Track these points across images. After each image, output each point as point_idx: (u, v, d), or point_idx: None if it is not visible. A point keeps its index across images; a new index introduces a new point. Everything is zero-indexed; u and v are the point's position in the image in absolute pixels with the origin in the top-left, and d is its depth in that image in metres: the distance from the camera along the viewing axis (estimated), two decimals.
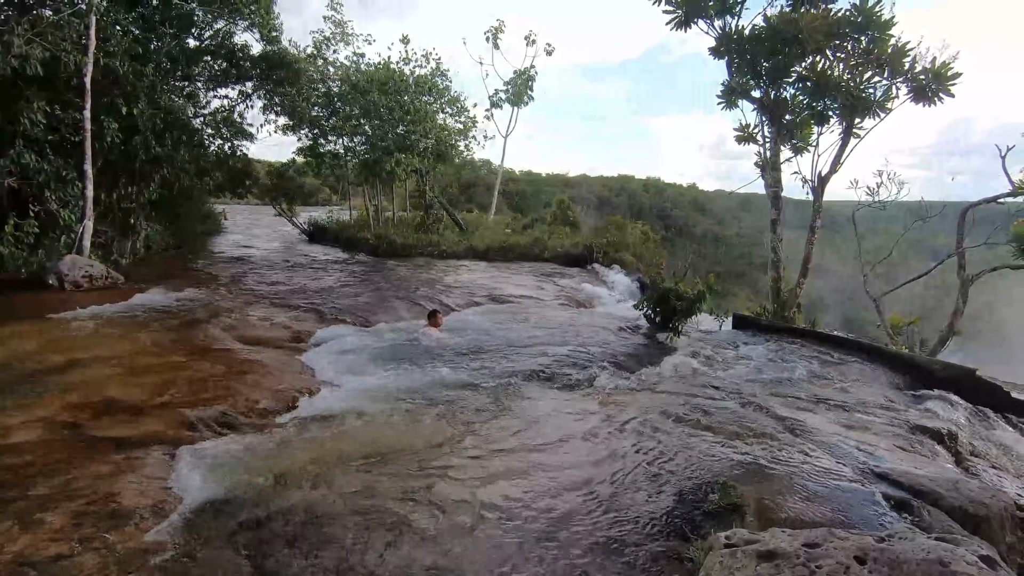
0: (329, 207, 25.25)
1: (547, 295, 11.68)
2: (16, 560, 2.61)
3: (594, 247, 16.28)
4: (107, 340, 6.20)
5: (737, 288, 31.46)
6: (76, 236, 9.67)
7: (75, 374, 5.02)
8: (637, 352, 7.35)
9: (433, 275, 12.88)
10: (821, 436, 4.49)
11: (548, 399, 5.29)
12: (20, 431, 3.88)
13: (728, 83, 9.87)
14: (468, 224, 19.67)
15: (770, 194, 9.97)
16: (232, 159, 15.51)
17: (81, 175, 9.71)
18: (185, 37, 13.58)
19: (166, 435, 4.02)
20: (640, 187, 54.64)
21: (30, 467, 3.44)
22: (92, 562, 2.64)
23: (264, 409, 4.75)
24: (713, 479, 3.55)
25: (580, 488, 3.52)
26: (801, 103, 9.63)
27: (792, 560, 2.08)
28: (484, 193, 32.21)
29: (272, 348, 6.63)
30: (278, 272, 12.03)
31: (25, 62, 8.48)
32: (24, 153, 9.01)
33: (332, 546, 2.85)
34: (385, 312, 8.80)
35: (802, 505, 3.24)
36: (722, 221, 50.82)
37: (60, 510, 3.01)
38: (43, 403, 4.34)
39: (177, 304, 8.13)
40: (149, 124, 10.89)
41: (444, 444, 4.12)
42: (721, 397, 5.44)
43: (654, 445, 4.16)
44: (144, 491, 3.27)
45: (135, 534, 2.88)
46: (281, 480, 3.46)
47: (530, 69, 21.83)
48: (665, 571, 2.72)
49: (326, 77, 17.92)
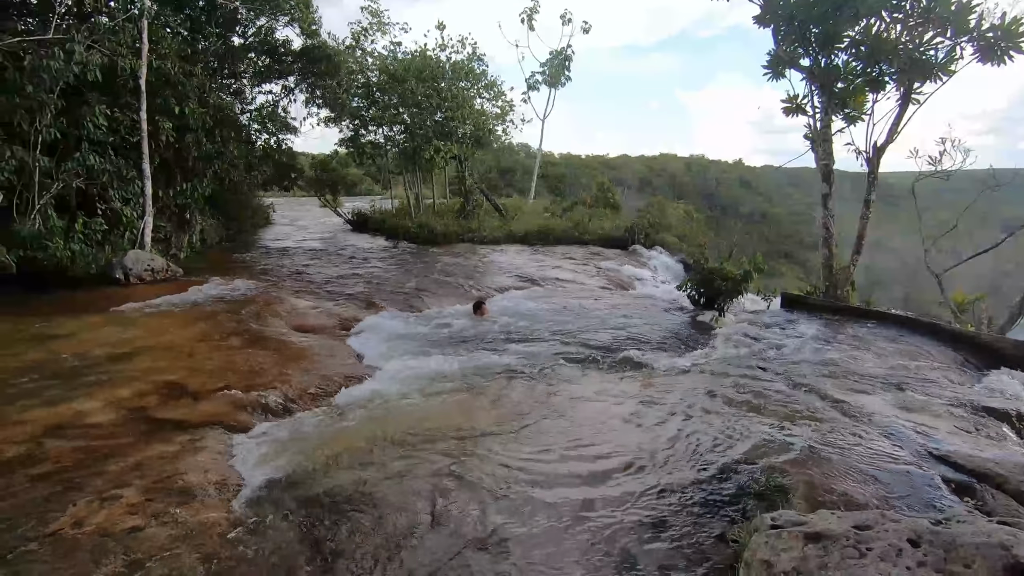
0: (371, 197, 25.73)
1: (588, 278, 11.60)
2: (97, 532, 2.84)
3: (635, 228, 16.02)
4: (169, 330, 6.57)
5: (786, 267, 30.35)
6: (138, 232, 10.23)
7: (141, 361, 5.35)
8: (681, 334, 7.23)
9: (474, 261, 12.99)
10: (876, 418, 4.33)
11: (590, 381, 5.29)
12: (96, 414, 4.19)
13: (774, 52, 9.43)
14: (507, 209, 19.67)
15: (821, 168, 9.52)
16: (278, 153, 16.01)
17: (140, 174, 10.24)
18: (230, 36, 14.03)
19: (225, 418, 4.25)
20: (683, 166, 53.19)
21: (106, 447, 3.72)
22: (163, 535, 2.84)
23: (315, 393, 4.94)
24: (759, 461, 3.48)
25: (623, 468, 3.52)
26: (854, 69, 9.11)
27: (841, 542, 2.03)
28: (523, 177, 32.08)
29: (321, 335, 6.87)
30: (325, 261, 12.39)
31: (86, 68, 8.95)
32: (89, 155, 9.55)
33: (381, 522, 2.96)
34: (428, 298, 8.96)
35: (853, 488, 3.14)
36: (770, 198, 48.97)
37: (133, 487, 3.24)
38: (114, 388, 4.65)
39: (231, 294, 8.52)
40: (200, 122, 11.34)
41: (487, 425, 4.20)
42: (768, 378, 5.30)
43: (698, 426, 4.11)
44: (207, 470, 3.48)
45: (201, 509, 3.07)
46: (332, 460, 3.61)
47: (566, 49, 21.48)
48: (709, 552, 2.70)
49: (365, 68, 18.16)
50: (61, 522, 2.89)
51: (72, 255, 9.01)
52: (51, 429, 3.91)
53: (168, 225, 11.87)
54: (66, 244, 9.03)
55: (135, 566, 2.60)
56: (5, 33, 8.74)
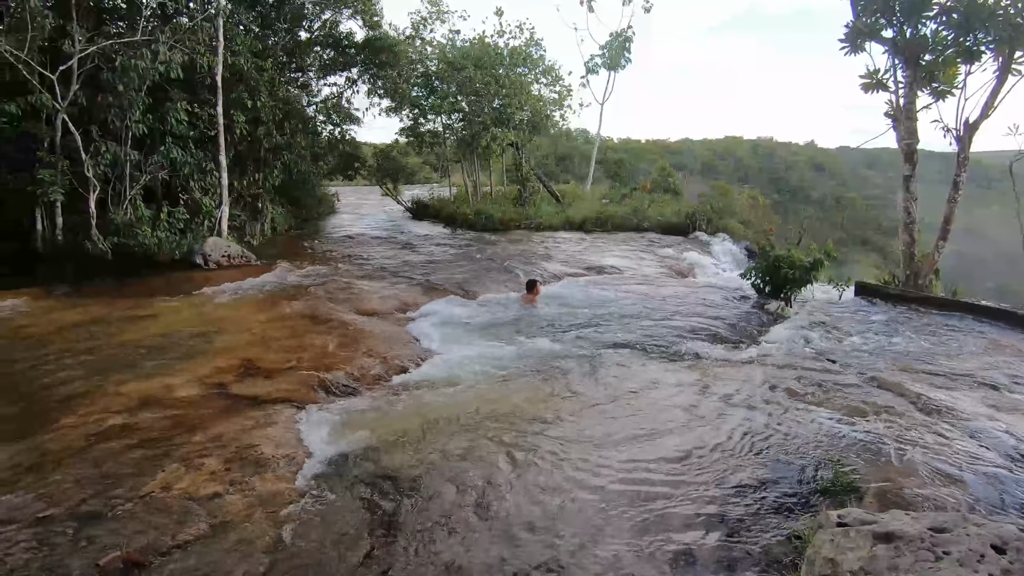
0: (430, 185, 26.17)
1: (646, 265, 11.37)
2: (183, 495, 3.09)
3: (697, 215, 15.51)
4: (244, 312, 6.99)
5: (862, 255, 28.52)
6: (216, 220, 10.90)
7: (220, 341, 5.73)
8: (744, 323, 6.97)
9: (530, 248, 13.00)
10: (961, 416, 4.03)
11: (648, 370, 5.21)
12: (181, 389, 4.54)
13: (853, 24, 8.79)
14: (564, 196, 19.50)
15: (903, 147, 8.85)
16: (342, 143, 16.55)
17: (217, 165, 10.88)
18: (297, 30, 14.56)
19: (294, 395, 4.50)
20: (749, 149, 50.79)
21: (190, 419, 4.03)
22: (240, 502, 3.05)
23: (377, 374, 5.14)
24: (826, 456, 3.33)
25: (681, 459, 3.47)
26: (944, 39, 8.36)
27: (915, 543, 1.92)
28: (581, 163, 31.65)
29: (382, 318, 7.11)
30: (386, 248, 12.77)
31: (169, 67, 9.57)
32: (172, 148, 10.25)
33: (438, 499, 3.06)
34: (485, 284, 9.06)
35: (932, 490, 2.96)
36: (844, 182, 46.02)
37: (214, 456, 3.50)
38: (196, 365, 5.02)
39: (300, 279, 8.94)
40: (270, 115, 11.89)
41: (543, 411, 4.23)
42: (838, 371, 5.04)
43: (760, 419, 3.98)
44: (279, 443, 3.71)
45: (273, 480, 3.28)
46: (393, 438, 3.76)
47: (627, 30, 20.85)
48: (769, 548, 2.63)
49: (424, 57, 18.39)
50: (152, 485, 3.16)
51: (159, 242, 9.74)
52: (144, 402, 4.27)
53: (242, 214, 12.57)
54: (153, 232, 9.76)
55: (217, 529, 2.82)
56: (100, 36, 9.46)
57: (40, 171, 9.01)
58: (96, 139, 9.53)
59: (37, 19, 8.59)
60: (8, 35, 8.51)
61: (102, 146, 9.54)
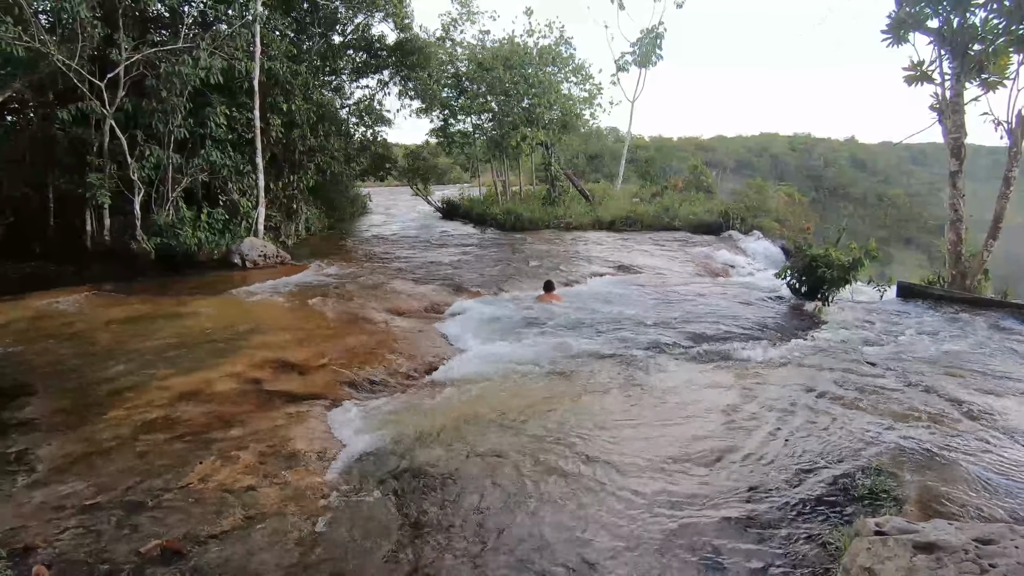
0: (460, 185, 26.36)
1: (677, 264, 11.20)
2: (220, 487, 3.19)
3: (730, 213, 15.20)
4: (279, 310, 7.18)
5: (905, 255, 27.44)
6: (253, 221, 11.23)
7: (256, 338, 5.90)
8: (779, 324, 6.80)
9: (560, 247, 12.96)
10: (1010, 422, 3.85)
11: (680, 371, 5.13)
12: (220, 383, 4.68)
13: (896, 14, 8.47)
14: (594, 195, 19.37)
15: (950, 142, 8.48)
16: (374, 145, 16.86)
17: (254, 167, 11.20)
18: (331, 34, 14.88)
19: (327, 392, 4.60)
20: (786, 145, 49.41)
21: (227, 413, 4.16)
22: (274, 495, 3.14)
23: (407, 373, 5.21)
24: (865, 462, 3.22)
25: (713, 462, 3.41)
26: (995, 28, 7.97)
27: (958, 555, 1.84)
28: (611, 162, 31.38)
29: (413, 317, 7.20)
30: (416, 248, 12.92)
31: (209, 72, 9.90)
32: (212, 151, 10.60)
33: (466, 497, 3.09)
34: (514, 284, 9.08)
35: (977, 498, 2.83)
36: (887, 178, 44.32)
37: (249, 450, 3.60)
38: (234, 361, 5.18)
39: (333, 278, 9.13)
40: (305, 118, 12.18)
41: (572, 410, 4.21)
42: (878, 374, 4.87)
43: (795, 422, 3.88)
44: (312, 439, 3.79)
45: (306, 474, 3.36)
46: (422, 436, 3.80)
47: (658, 27, 20.55)
48: (803, 555, 2.56)
49: (454, 58, 18.54)
50: (191, 477, 3.28)
51: (199, 242, 10.09)
52: (184, 396, 4.43)
53: (278, 214, 12.91)
54: (194, 232, 10.12)
55: (251, 520, 2.90)
56: (145, 45, 9.85)
57: (89, 175, 9.44)
58: (141, 143, 9.93)
59: (87, 29, 9.00)
60: (61, 45, 8.94)
61: (146, 150, 9.94)
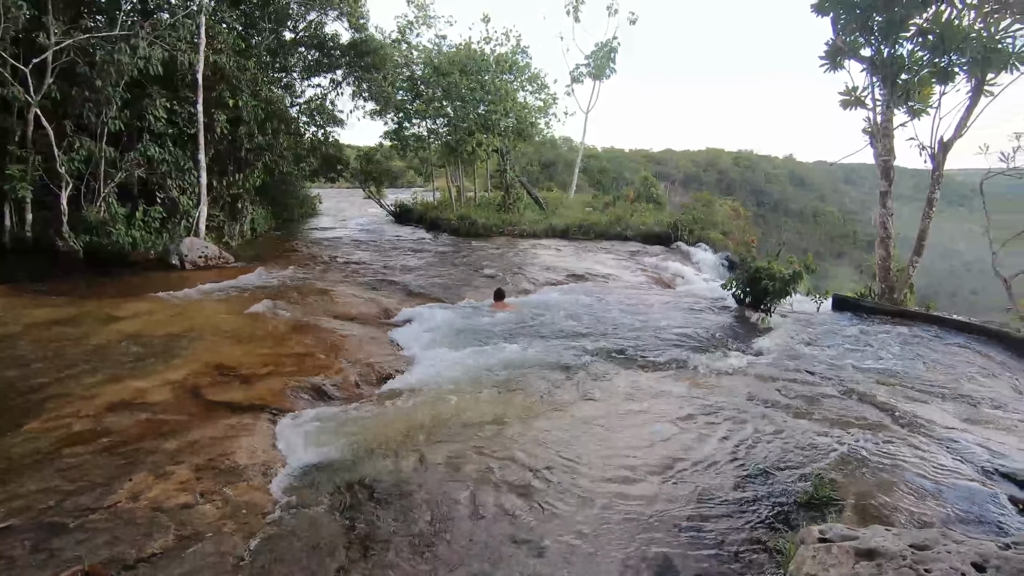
0: (414, 189, 26.07)
1: (629, 274, 11.42)
2: (151, 506, 2.98)
3: (679, 225, 15.67)
4: (221, 314, 6.83)
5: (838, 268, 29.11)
6: (194, 220, 10.68)
7: (195, 344, 5.58)
8: (725, 334, 7.02)
9: (513, 254, 12.98)
10: (936, 430, 4.10)
11: (630, 379, 5.20)
12: (154, 392, 4.39)
13: (833, 42, 8.98)
14: (548, 203, 19.56)
15: (880, 164, 9.04)
16: (325, 145, 16.41)
17: (196, 164, 10.68)
18: (282, 30, 14.42)
19: (271, 402, 4.38)
20: (731, 161, 51.58)
21: (162, 424, 3.90)
22: (212, 512, 2.95)
23: (356, 381, 5.05)
24: (807, 469, 3.35)
25: (662, 470, 3.45)
26: (920, 60, 8.58)
27: (897, 561, 1.92)
28: (564, 171, 31.83)
29: (363, 324, 7.01)
30: (368, 252, 12.64)
31: (148, 63, 9.37)
32: (150, 146, 10.03)
33: (418, 511, 3.00)
34: (467, 291, 9.01)
35: (909, 503, 2.98)
36: (823, 196, 47.03)
37: (186, 465, 3.38)
38: (170, 369, 4.88)
39: (279, 282, 8.79)
40: (252, 115, 11.72)
41: (523, 419, 4.19)
42: (817, 383, 5.10)
43: (741, 429, 3.99)
44: (255, 451, 3.60)
45: (247, 490, 3.18)
46: (372, 448, 3.68)
47: (612, 41, 21.10)
48: (750, 561, 2.62)
49: (410, 61, 18.35)
50: (119, 495, 3.04)
51: (133, 241, 9.50)
52: (114, 406, 4.13)
53: (221, 214, 12.35)
54: (128, 230, 9.53)
55: (185, 540, 2.71)
56: (77, 30, 9.23)
57: (9, 166, 8.74)
58: (70, 134, 9.28)
59: (11, 10, 8.35)
60: None
61: (76, 141, 9.30)
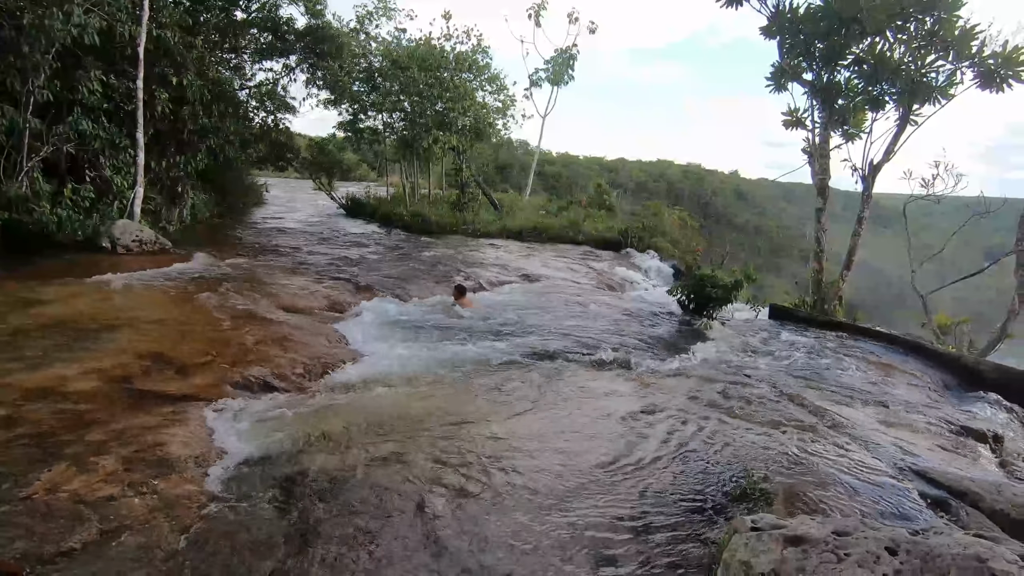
0: (366, 183, 25.54)
1: (580, 277, 11.62)
2: (72, 499, 2.79)
3: (629, 231, 16.08)
4: (156, 302, 6.48)
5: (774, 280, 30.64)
6: (128, 202, 10.06)
7: (126, 332, 5.27)
8: (669, 337, 7.27)
9: (466, 253, 12.96)
10: (857, 431, 4.39)
11: (577, 378, 5.30)
12: (77, 382, 4.11)
13: (778, 65, 9.51)
14: (503, 204, 19.64)
15: (817, 182, 9.62)
16: (275, 132, 15.84)
17: (133, 143, 10.06)
18: (233, 9, 13.84)
19: (209, 393, 4.20)
20: (680, 173, 53.44)
21: (86, 415, 3.65)
22: (140, 505, 2.80)
23: (299, 374, 4.90)
24: (741, 465, 3.51)
25: (604, 465, 3.54)
26: (856, 87, 9.21)
27: (820, 546, 2.05)
28: (520, 174, 32.07)
29: (309, 316, 6.81)
30: (316, 244, 12.29)
31: (83, 31, 8.76)
32: (81, 120, 9.37)
33: (359, 506, 2.95)
34: (418, 286, 8.92)
35: (833, 497, 3.18)
36: (763, 211, 49.43)
37: (112, 456, 3.18)
38: (97, 357, 4.58)
39: (221, 271, 8.42)
40: (197, 95, 11.16)
41: (470, 416, 4.19)
42: (754, 386, 5.35)
43: (682, 429, 4.14)
44: (188, 443, 3.44)
45: (179, 482, 3.03)
46: (312, 441, 3.59)
47: (572, 48, 21.39)
48: (688, 552, 2.72)
49: (368, 52, 18.00)
50: (36, 487, 2.84)
51: (58, 220, 8.84)
52: (31, 394, 3.83)
53: (159, 197, 11.69)
54: (53, 209, 8.86)
55: (109, 535, 2.56)
56: None
57: None
58: None
59: None
60: None
61: None
